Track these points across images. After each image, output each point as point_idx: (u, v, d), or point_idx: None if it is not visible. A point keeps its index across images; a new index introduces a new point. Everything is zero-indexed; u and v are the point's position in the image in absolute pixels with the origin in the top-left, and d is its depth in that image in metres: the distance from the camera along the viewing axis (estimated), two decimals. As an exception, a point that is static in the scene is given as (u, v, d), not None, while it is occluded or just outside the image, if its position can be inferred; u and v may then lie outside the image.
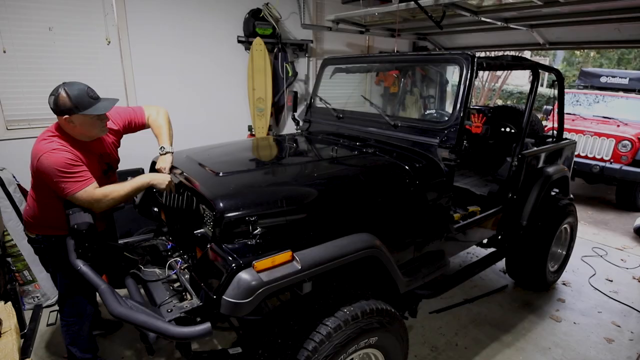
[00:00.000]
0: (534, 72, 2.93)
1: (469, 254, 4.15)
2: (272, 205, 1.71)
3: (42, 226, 2.07)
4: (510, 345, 2.78)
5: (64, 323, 2.22)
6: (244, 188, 1.84)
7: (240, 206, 1.66)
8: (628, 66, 15.05)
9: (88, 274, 1.74)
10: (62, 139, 1.91)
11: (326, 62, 3.29)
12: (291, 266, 1.53)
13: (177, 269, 1.98)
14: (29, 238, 2.14)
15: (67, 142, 1.91)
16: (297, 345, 1.55)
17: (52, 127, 1.97)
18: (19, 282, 2.97)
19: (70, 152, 1.88)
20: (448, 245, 2.45)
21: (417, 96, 5.86)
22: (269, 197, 1.77)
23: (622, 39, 4.63)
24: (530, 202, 2.99)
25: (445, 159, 2.27)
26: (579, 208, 5.18)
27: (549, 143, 3.51)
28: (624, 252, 4.39)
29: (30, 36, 3.31)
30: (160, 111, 2.31)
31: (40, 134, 1.96)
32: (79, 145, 1.96)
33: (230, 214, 1.61)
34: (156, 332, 1.49)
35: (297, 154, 2.72)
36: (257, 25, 4.55)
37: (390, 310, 1.81)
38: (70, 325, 2.21)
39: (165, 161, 2.12)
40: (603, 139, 5.64)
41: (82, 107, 1.84)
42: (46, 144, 1.87)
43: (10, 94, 3.30)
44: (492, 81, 12.45)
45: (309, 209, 1.80)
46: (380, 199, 2.00)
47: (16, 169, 3.13)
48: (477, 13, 4.11)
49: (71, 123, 1.88)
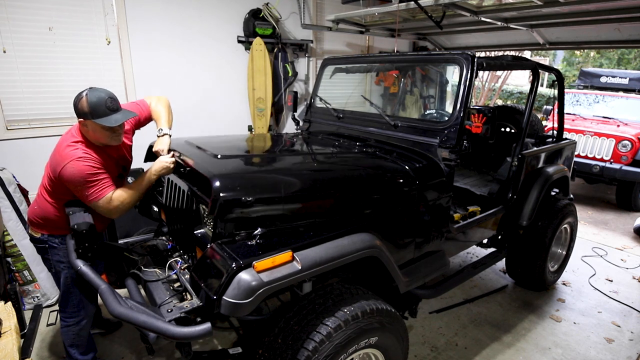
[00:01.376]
0: (534, 72, 2.93)
1: (469, 254, 4.15)
2: (270, 190, 1.70)
3: (50, 226, 2.08)
4: (510, 345, 2.78)
5: (64, 324, 2.21)
6: (242, 171, 1.85)
7: (237, 186, 1.65)
8: (628, 66, 15.05)
9: (88, 274, 1.75)
10: (85, 145, 1.96)
11: (326, 62, 3.29)
12: (291, 266, 1.53)
13: (177, 269, 1.98)
14: (32, 237, 2.15)
15: (90, 148, 1.96)
16: (297, 345, 1.55)
17: (75, 131, 2.00)
18: (19, 282, 2.97)
19: (94, 159, 1.94)
20: (448, 245, 2.45)
21: (417, 96, 5.86)
22: (267, 181, 1.78)
23: (622, 39, 4.64)
24: (530, 202, 2.99)
25: (445, 159, 2.27)
26: (579, 208, 5.20)
27: (549, 143, 3.51)
28: (624, 252, 4.39)
29: (30, 36, 3.31)
30: (161, 99, 2.36)
31: (64, 135, 2.01)
32: (100, 151, 2.01)
33: (227, 193, 1.60)
34: (156, 332, 1.49)
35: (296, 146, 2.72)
36: (257, 25, 4.55)
37: (391, 310, 1.81)
38: (70, 327, 2.20)
39: (163, 143, 2.12)
40: (603, 139, 5.64)
41: (95, 115, 1.87)
42: (72, 150, 1.91)
43: (10, 94, 3.30)
44: (492, 81, 12.45)
45: (307, 197, 1.79)
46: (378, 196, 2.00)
47: (16, 169, 3.13)
48: (477, 13, 4.11)
49: (85, 127, 1.94)
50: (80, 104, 1.87)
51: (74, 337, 2.22)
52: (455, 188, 2.68)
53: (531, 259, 3.19)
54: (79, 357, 2.27)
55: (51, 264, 2.16)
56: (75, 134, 1.98)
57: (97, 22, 3.63)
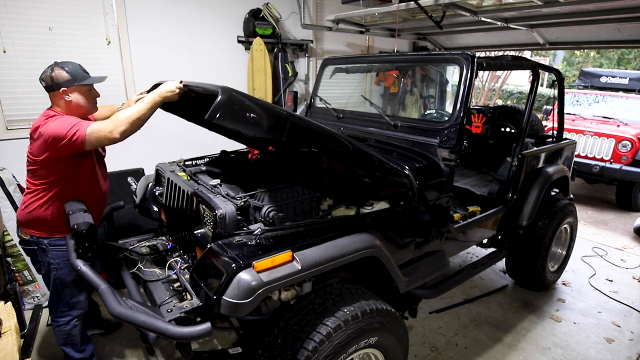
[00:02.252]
0: (534, 72, 2.93)
1: (469, 254, 4.15)
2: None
3: (38, 226, 2.06)
4: (511, 345, 2.78)
5: (55, 324, 2.20)
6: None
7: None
8: (628, 66, 15.05)
9: (88, 274, 1.75)
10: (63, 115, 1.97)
11: (326, 62, 3.29)
12: (291, 266, 1.53)
13: (177, 269, 1.98)
14: (21, 240, 2.15)
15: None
16: (297, 345, 1.55)
17: (47, 112, 2.00)
18: (19, 282, 2.97)
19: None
20: (448, 245, 2.45)
21: (417, 96, 5.86)
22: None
23: (622, 39, 4.64)
24: (530, 202, 2.99)
25: (445, 159, 2.27)
26: (579, 208, 5.19)
27: (549, 143, 3.51)
28: (624, 252, 4.39)
29: (30, 36, 3.31)
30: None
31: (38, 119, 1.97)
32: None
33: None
34: (156, 332, 1.49)
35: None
36: (257, 25, 4.55)
37: (391, 310, 1.81)
38: (61, 326, 2.19)
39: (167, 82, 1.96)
40: (603, 139, 5.64)
41: (78, 78, 1.97)
42: (45, 118, 1.94)
43: (10, 94, 3.30)
44: (492, 81, 12.44)
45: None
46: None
47: (16, 169, 3.12)
48: (477, 13, 4.11)
49: (66, 96, 1.97)
50: (58, 75, 1.93)
51: (65, 337, 2.22)
52: (455, 188, 2.67)
53: (531, 259, 3.18)
54: (75, 355, 2.26)
55: (40, 265, 2.15)
56: (47, 113, 1.98)
57: (97, 22, 3.63)
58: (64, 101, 1.98)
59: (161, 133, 3.98)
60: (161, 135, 3.99)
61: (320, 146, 1.74)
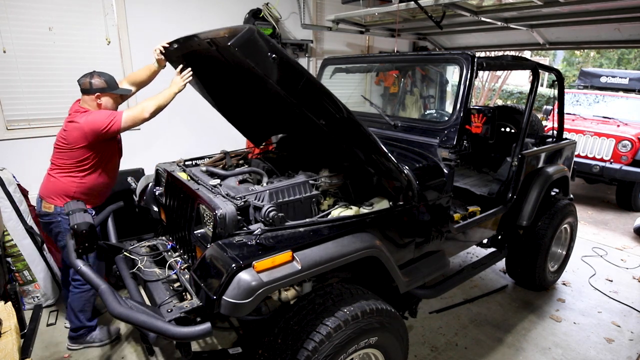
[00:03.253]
0: (534, 72, 2.93)
1: (469, 254, 4.15)
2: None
3: (64, 196, 2.33)
4: (511, 345, 2.78)
5: (77, 291, 2.44)
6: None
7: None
8: (628, 66, 15.06)
9: (88, 274, 1.74)
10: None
11: (326, 62, 3.29)
12: (291, 266, 1.53)
13: (177, 269, 1.98)
14: (44, 214, 2.39)
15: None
16: (297, 345, 1.55)
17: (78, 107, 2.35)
18: (19, 282, 2.97)
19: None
20: (448, 245, 2.45)
21: (417, 96, 5.86)
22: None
23: (622, 39, 4.64)
24: (530, 202, 2.99)
25: (445, 159, 2.27)
26: (579, 208, 5.19)
27: (549, 143, 3.51)
28: (624, 252, 4.39)
29: (30, 36, 3.31)
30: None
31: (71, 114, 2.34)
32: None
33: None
34: (156, 332, 1.49)
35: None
36: (257, 25, 4.55)
37: (390, 310, 1.81)
38: (84, 292, 2.45)
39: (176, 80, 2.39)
40: (603, 139, 5.64)
41: (111, 87, 2.39)
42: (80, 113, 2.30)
43: (10, 94, 3.30)
44: (492, 81, 12.44)
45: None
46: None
47: (16, 169, 3.12)
48: (477, 13, 4.12)
49: (99, 100, 2.35)
50: (97, 82, 2.33)
51: (85, 303, 2.48)
52: (455, 188, 2.67)
53: (531, 259, 3.18)
54: (86, 322, 2.53)
55: (59, 237, 2.42)
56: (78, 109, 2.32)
57: (97, 22, 3.63)
58: (95, 103, 2.36)
59: (162, 133, 3.98)
60: (161, 135, 4.00)
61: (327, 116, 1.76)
